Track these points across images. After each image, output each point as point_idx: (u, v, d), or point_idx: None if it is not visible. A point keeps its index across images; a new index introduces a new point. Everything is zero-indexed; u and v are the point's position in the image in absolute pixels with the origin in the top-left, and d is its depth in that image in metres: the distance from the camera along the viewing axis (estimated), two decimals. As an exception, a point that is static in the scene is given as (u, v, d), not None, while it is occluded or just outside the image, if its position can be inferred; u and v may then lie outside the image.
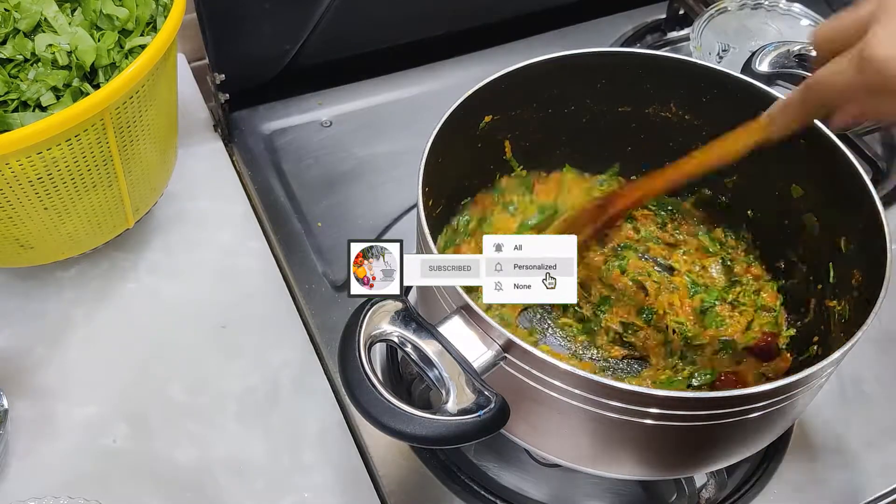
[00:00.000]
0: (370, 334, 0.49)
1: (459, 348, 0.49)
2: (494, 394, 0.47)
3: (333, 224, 0.84)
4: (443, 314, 0.52)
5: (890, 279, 0.53)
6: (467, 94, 0.62)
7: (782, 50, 0.68)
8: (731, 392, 0.48)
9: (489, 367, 0.50)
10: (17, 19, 0.63)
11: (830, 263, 0.63)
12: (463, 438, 0.47)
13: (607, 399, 0.48)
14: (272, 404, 0.70)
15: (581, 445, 0.55)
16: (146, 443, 0.67)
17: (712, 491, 0.64)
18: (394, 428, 0.46)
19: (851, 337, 0.50)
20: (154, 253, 0.80)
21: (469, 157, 0.68)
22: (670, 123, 0.70)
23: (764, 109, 0.63)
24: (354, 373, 0.47)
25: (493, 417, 0.47)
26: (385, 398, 0.46)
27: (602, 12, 1.07)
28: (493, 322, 0.49)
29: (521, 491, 0.67)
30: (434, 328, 0.50)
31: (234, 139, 0.90)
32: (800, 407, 0.57)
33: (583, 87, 0.69)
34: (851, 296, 0.59)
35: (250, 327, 0.75)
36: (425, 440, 0.46)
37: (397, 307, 0.50)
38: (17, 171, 0.58)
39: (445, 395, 0.48)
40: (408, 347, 0.50)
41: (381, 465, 0.67)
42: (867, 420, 0.72)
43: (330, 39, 0.91)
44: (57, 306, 0.75)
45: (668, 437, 0.52)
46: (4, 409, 0.66)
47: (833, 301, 0.62)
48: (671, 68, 0.67)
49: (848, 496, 0.68)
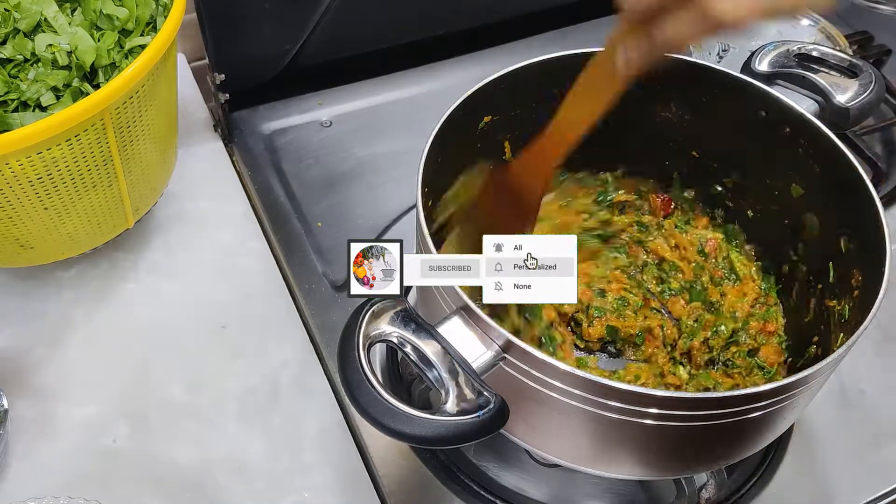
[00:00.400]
0: (369, 335, 0.49)
1: (459, 349, 0.49)
2: (494, 394, 0.47)
3: (333, 224, 0.84)
4: (442, 314, 0.52)
5: (889, 279, 0.53)
6: (467, 94, 0.62)
7: (782, 49, 0.68)
8: (730, 392, 0.48)
9: (489, 367, 0.50)
10: (17, 19, 0.63)
11: (830, 263, 0.63)
12: (463, 439, 0.47)
13: (607, 399, 0.48)
14: (272, 404, 0.70)
15: (581, 445, 0.55)
16: (146, 443, 0.67)
17: (712, 491, 0.64)
18: (393, 428, 0.46)
19: (851, 336, 0.50)
20: (154, 253, 0.80)
21: (469, 158, 0.68)
22: (670, 123, 0.70)
23: (764, 109, 0.64)
24: (354, 373, 0.47)
25: (492, 418, 0.47)
26: (384, 399, 0.46)
27: (602, 12, 1.07)
28: (493, 322, 0.49)
29: (521, 491, 0.67)
30: (433, 328, 0.50)
31: (234, 139, 0.90)
32: (800, 407, 0.57)
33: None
34: (851, 296, 0.59)
35: (250, 327, 0.75)
36: (425, 440, 0.46)
37: (397, 307, 0.50)
38: (17, 171, 0.58)
39: (445, 395, 0.48)
40: (407, 348, 0.50)
41: (381, 465, 0.67)
42: (867, 420, 0.72)
43: (330, 39, 0.91)
44: (57, 306, 0.75)
45: (667, 437, 0.52)
46: (4, 409, 0.66)
47: (833, 301, 0.62)
48: (671, 68, 0.67)
49: (848, 496, 0.68)
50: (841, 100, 0.65)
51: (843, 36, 0.93)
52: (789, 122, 0.63)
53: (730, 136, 0.68)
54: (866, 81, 0.66)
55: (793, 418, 0.60)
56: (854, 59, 0.67)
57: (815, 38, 0.93)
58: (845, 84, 0.66)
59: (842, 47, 0.91)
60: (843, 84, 0.66)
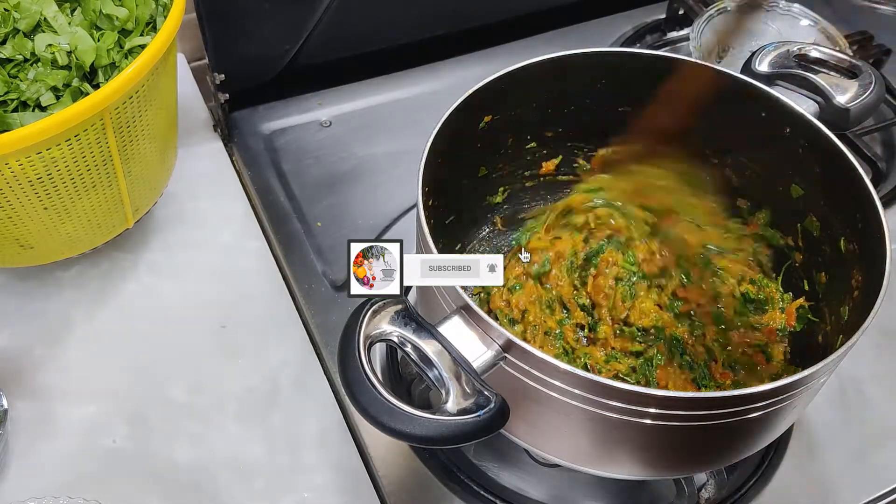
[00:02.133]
0: (370, 334, 0.49)
1: (459, 348, 0.49)
2: (494, 394, 0.47)
3: (333, 224, 0.84)
4: (443, 314, 0.52)
5: (890, 279, 0.53)
6: (467, 93, 0.62)
7: (782, 50, 0.68)
8: (730, 392, 0.48)
9: (489, 367, 0.50)
10: (16, 19, 0.63)
11: (830, 263, 0.63)
12: (463, 438, 0.47)
13: (607, 399, 0.48)
14: (272, 404, 0.70)
15: (580, 445, 0.55)
16: (146, 443, 0.67)
17: (712, 491, 0.64)
18: (393, 428, 0.46)
19: (850, 337, 0.50)
20: (154, 253, 0.80)
21: (470, 157, 0.68)
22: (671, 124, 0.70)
23: (764, 110, 0.64)
24: (354, 373, 0.47)
25: (492, 417, 0.47)
26: (385, 398, 0.46)
27: (602, 12, 1.07)
28: (493, 322, 0.49)
29: (521, 491, 0.67)
30: (434, 328, 0.50)
31: (234, 139, 0.90)
32: (799, 407, 0.57)
33: (582, 86, 0.69)
34: (851, 296, 0.59)
35: (250, 327, 0.75)
36: (425, 440, 0.46)
37: (397, 307, 0.50)
38: (17, 171, 0.58)
39: (445, 395, 0.48)
40: (407, 347, 0.50)
41: (381, 465, 0.67)
42: (867, 420, 0.72)
43: (330, 39, 0.91)
44: (57, 306, 0.75)
45: (667, 437, 0.52)
46: (4, 409, 0.66)
47: (833, 302, 0.62)
48: (672, 69, 0.67)
49: (848, 496, 0.68)
50: (841, 100, 0.65)
51: (842, 36, 0.93)
52: (789, 122, 0.63)
53: (729, 136, 0.68)
54: (866, 82, 0.66)
55: (792, 419, 0.60)
56: (854, 60, 0.67)
57: (814, 38, 0.93)
58: (845, 85, 0.66)
59: (842, 47, 0.91)
60: (843, 85, 0.66)
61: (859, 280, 0.58)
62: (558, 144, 0.74)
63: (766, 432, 0.56)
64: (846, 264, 0.60)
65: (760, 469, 0.68)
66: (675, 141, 0.70)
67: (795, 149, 0.63)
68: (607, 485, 0.67)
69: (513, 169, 0.74)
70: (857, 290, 0.58)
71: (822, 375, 0.52)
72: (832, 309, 0.62)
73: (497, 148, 0.71)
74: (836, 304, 0.61)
